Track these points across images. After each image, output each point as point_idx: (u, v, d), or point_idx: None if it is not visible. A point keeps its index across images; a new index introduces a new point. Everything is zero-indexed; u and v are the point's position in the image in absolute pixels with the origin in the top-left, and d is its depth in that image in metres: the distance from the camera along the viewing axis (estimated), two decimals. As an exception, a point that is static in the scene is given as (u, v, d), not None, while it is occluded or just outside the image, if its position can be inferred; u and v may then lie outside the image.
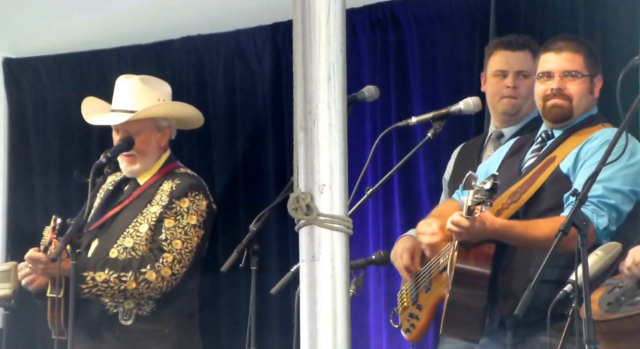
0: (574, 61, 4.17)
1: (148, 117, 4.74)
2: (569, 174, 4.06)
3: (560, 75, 4.17)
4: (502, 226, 3.95)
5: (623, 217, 3.99)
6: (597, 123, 4.19)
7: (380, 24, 6.49)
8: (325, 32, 2.96)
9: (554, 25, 5.96)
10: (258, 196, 6.59)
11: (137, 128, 4.73)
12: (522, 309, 3.36)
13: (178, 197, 4.66)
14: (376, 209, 6.35)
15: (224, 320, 6.69)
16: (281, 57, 6.68)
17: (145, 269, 4.56)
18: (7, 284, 4.79)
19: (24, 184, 7.19)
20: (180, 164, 4.84)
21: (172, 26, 6.83)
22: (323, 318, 2.90)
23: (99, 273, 4.55)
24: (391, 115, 6.34)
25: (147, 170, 4.76)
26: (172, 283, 4.60)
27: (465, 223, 3.90)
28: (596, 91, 4.23)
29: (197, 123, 4.96)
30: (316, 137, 2.93)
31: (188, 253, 4.62)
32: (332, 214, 2.91)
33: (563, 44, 4.20)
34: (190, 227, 4.64)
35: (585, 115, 4.20)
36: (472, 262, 3.99)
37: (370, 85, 4.40)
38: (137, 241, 4.63)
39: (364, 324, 6.30)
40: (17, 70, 7.25)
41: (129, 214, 4.70)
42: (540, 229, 3.92)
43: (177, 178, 4.72)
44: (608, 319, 3.50)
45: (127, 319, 4.61)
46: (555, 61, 4.17)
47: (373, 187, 4.33)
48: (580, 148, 4.07)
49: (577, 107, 4.17)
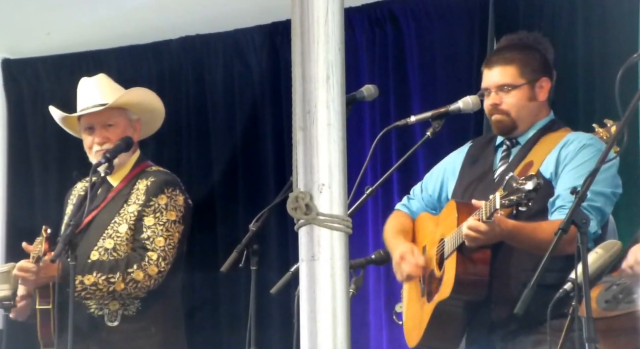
0: (505, 74, 4.19)
1: (123, 106, 4.73)
2: (552, 179, 4.05)
3: (496, 90, 4.21)
4: (514, 227, 3.95)
5: (606, 219, 4.00)
6: (559, 127, 4.21)
7: (379, 23, 6.48)
8: (323, 31, 2.96)
9: (553, 23, 5.96)
10: (257, 196, 6.59)
11: (114, 120, 4.75)
12: (522, 307, 3.36)
13: (155, 195, 4.66)
14: (376, 209, 6.35)
15: (224, 320, 6.69)
16: (280, 56, 6.68)
17: (132, 269, 4.57)
18: (6, 285, 4.79)
19: (23, 184, 7.18)
20: (151, 162, 4.85)
21: (170, 26, 6.83)
22: (323, 317, 2.90)
23: (87, 276, 4.55)
24: (390, 114, 6.34)
25: (121, 168, 4.75)
26: (159, 281, 4.60)
27: (484, 228, 3.89)
28: (541, 95, 4.21)
29: (158, 120, 4.92)
30: (315, 137, 2.93)
31: (171, 249, 4.63)
32: (331, 214, 2.91)
33: (495, 58, 4.25)
34: (171, 224, 4.64)
35: (544, 120, 4.21)
36: (471, 268, 3.98)
37: (369, 85, 4.39)
38: (118, 241, 4.63)
39: (364, 323, 6.30)
40: (15, 71, 7.25)
41: (106, 216, 4.70)
42: (545, 231, 3.91)
43: (150, 176, 4.73)
44: (606, 316, 3.50)
45: (113, 320, 4.61)
46: (488, 77, 4.23)
47: (372, 187, 4.32)
48: (559, 152, 4.07)
49: (518, 118, 4.19)
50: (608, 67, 4.32)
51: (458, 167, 4.33)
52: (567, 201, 3.93)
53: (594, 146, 4.06)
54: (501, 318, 4.01)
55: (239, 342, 4.22)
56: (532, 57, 4.22)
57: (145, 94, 4.89)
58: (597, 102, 5.76)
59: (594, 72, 5.82)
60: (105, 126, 4.74)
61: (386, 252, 4.43)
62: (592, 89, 5.81)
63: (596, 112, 5.49)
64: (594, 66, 5.82)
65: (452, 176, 4.33)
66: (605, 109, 4.21)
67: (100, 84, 4.81)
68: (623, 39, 5.50)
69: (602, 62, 5.78)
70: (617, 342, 3.52)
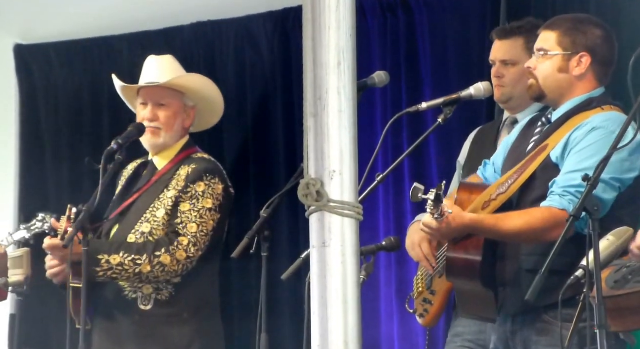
0: (544, 38, 4.10)
1: (181, 87, 4.74)
2: (558, 163, 3.98)
3: (536, 53, 4.11)
4: (471, 220, 3.89)
5: (606, 206, 3.85)
6: (597, 106, 4.05)
7: (390, 8, 6.47)
8: (335, 17, 2.95)
9: (566, 9, 5.93)
10: (268, 182, 6.59)
11: (168, 100, 4.75)
12: (533, 294, 3.35)
13: (194, 181, 4.67)
14: (387, 195, 6.34)
15: (235, 306, 6.70)
16: (291, 42, 6.67)
17: (159, 253, 4.57)
18: (19, 270, 4.80)
19: (36, 170, 7.20)
20: (199, 149, 4.85)
21: (182, 12, 6.83)
22: (334, 303, 2.90)
23: (114, 255, 4.56)
24: (402, 100, 6.33)
25: (167, 149, 4.77)
26: (188, 266, 4.60)
27: (434, 225, 3.88)
28: (577, 70, 4.05)
29: (216, 115, 4.93)
30: (326, 123, 2.93)
31: (204, 236, 4.62)
32: (342, 201, 2.92)
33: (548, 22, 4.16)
34: (206, 211, 4.64)
35: (581, 98, 4.07)
36: (462, 251, 3.97)
37: (380, 71, 4.38)
38: (155, 226, 4.64)
39: (375, 310, 6.30)
40: (28, 57, 7.26)
41: (146, 199, 4.71)
42: (512, 222, 3.87)
43: (193, 163, 4.73)
44: (614, 295, 3.49)
45: (146, 304, 4.63)
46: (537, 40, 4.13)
47: (383, 174, 4.32)
48: (570, 135, 3.98)
49: (545, 86, 4.07)
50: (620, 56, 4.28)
51: (513, 138, 4.29)
52: (559, 186, 3.88)
53: (604, 128, 3.93)
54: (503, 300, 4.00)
55: (250, 331, 4.23)
56: (579, 29, 4.09)
57: (204, 82, 4.87)
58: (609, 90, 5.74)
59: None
60: (158, 104, 4.75)
61: (397, 239, 4.43)
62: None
63: (608, 100, 5.47)
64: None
65: (504, 149, 4.29)
66: (618, 97, 4.18)
67: (165, 64, 4.82)
68: (636, 27, 5.48)
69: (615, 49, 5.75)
70: (624, 321, 3.51)
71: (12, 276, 4.83)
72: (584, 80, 4.08)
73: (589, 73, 4.08)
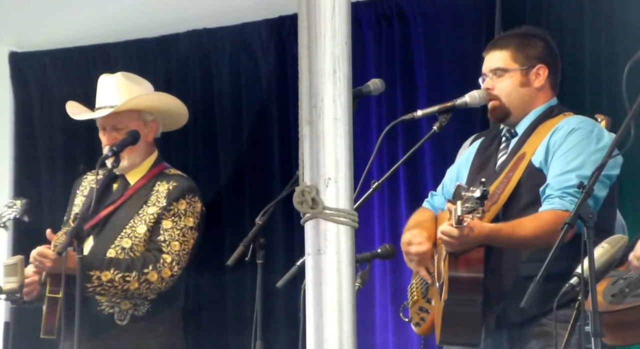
0: (498, 58, 4.20)
1: (133, 109, 4.73)
2: (542, 168, 4.04)
3: (491, 75, 4.22)
4: (491, 230, 3.92)
5: (600, 203, 3.95)
6: (559, 113, 4.17)
7: (386, 18, 6.48)
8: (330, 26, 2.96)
9: (560, 19, 5.95)
10: (264, 190, 6.59)
11: (124, 123, 4.73)
12: (529, 302, 3.35)
13: (176, 199, 4.68)
14: (382, 203, 6.35)
15: (230, 314, 6.70)
16: (286, 50, 6.68)
17: (147, 270, 4.58)
18: (13, 278, 4.79)
19: (30, 177, 7.19)
20: (168, 164, 4.85)
21: (177, 20, 6.84)
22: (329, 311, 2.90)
23: (105, 272, 4.55)
24: (397, 108, 6.34)
25: (136, 167, 4.76)
26: (169, 284, 4.63)
27: (455, 233, 3.88)
28: (536, 82, 4.18)
29: (182, 118, 4.93)
30: (321, 131, 2.93)
31: (185, 255, 4.65)
32: (337, 208, 2.91)
33: (492, 43, 4.27)
34: (188, 230, 4.67)
35: (542, 108, 4.19)
36: (464, 268, 3.97)
37: (375, 79, 4.38)
38: (136, 242, 4.64)
39: (370, 318, 6.30)
40: (22, 64, 7.26)
41: (124, 214, 4.70)
42: (526, 228, 3.90)
43: (171, 180, 4.74)
44: (612, 310, 3.50)
45: (122, 319, 4.63)
46: (485, 62, 4.24)
47: (379, 181, 4.32)
48: (549, 140, 4.06)
49: (509, 103, 4.17)
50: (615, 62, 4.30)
51: (471, 159, 4.33)
52: (556, 189, 3.93)
53: (583, 129, 4.04)
54: (502, 311, 4.01)
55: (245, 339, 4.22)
56: (528, 43, 4.21)
57: (155, 97, 4.86)
58: (604, 97, 5.76)
59: (601, 67, 5.81)
60: (115, 129, 4.74)
61: (392, 246, 4.43)
62: (599, 84, 5.81)
63: (603, 108, 5.49)
64: (601, 61, 5.82)
65: (465, 168, 4.33)
66: (612, 104, 4.20)
67: (116, 85, 4.79)
68: (630, 33, 5.50)
69: (608, 57, 5.77)
70: (623, 336, 3.52)
71: (6, 283, 4.82)
72: (543, 91, 4.22)
73: (546, 83, 4.22)
